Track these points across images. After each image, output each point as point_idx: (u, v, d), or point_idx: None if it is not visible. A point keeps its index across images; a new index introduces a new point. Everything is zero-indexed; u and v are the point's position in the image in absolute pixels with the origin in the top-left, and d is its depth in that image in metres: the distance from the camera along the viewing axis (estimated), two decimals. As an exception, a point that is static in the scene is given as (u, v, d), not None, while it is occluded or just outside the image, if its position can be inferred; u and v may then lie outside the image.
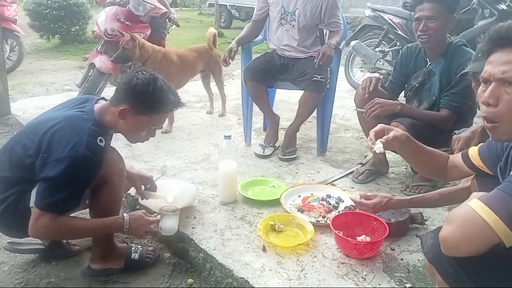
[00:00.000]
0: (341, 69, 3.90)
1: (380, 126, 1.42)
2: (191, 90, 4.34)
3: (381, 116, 2.07)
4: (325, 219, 1.88)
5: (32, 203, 1.44)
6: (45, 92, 4.46)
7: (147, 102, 1.50)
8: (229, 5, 12.17)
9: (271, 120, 2.81)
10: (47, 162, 1.37)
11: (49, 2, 7.35)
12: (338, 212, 1.93)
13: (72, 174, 1.37)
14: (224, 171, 2.05)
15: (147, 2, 3.40)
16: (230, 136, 2.05)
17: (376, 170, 2.37)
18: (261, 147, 2.72)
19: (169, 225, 1.66)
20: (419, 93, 2.22)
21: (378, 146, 1.34)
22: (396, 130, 1.38)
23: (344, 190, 2.19)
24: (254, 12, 2.83)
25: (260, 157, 2.66)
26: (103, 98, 1.64)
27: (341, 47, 2.76)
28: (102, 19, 3.38)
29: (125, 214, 1.55)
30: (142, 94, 1.48)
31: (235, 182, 2.12)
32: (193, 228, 1.84)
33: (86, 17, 7.93)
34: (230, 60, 2.62)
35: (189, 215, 1.93)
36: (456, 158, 1.42)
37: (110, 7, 3.53)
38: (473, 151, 1.35)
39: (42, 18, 7.41)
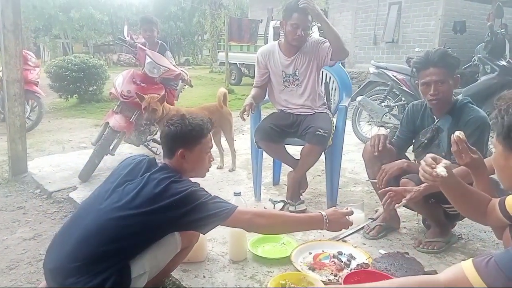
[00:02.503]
0: (349, 123, 3.98)
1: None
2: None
3: (393, 178, 2.09)
4: (336, 278, 1.83)
5: (135, 274, 1.46)
6: (61, 150, 4.61)
7: (193, 133, 1.67)
8: (239, 63, 12.73)
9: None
10: (184, 204, 1.51)
11: (69, 65, 7.81)
12: (350, 270, 1.89)
13: (200, 197, 1.55)
14: (234, 228, 2.05)
15: (161, 65, 3.60)
16: (240, 193, 2.07)
17: (387, 225, 2.34)
18: (271, 202, 2.72)
19: (358, 215, 1.79)
20: (428, 149, 2.24)
21: (440, 170, 1.31)
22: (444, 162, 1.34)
23: (355, 246, 2.15)
24: (255, 79, 2.92)
25: (270, 212, 2.65)
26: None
27: (347, 104, 2.85)
28: (119, 82, 3.57)
29: (321, 211, 1.70)
30: (185, 131, 1.67)
31: (245, 239, 2.11)
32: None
33: (103, 78, 8.36)
34: (250, 112, 2.67)
35: (198, 274, 1.91)
36: (496, 202, 1.36)
37: (127, 71, 3.75)
38: (511, 199, 1.28)
39: (62, 79, 7.84)
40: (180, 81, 4.03)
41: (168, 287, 1.86)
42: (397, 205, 1.87)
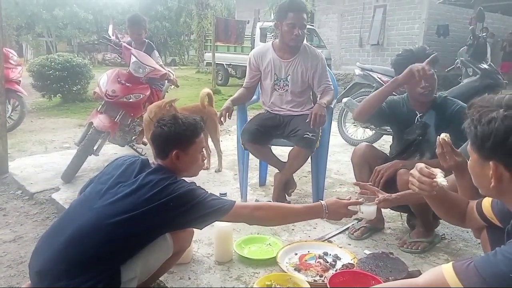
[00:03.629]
0: (334, 125, 4.01)
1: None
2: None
3: (394, 183, 2.09)
4: (322, 278, 1.84)
5: (125, 278, 1.42)
6: (44, 150, 4.52)
7: (186, 134, 1.64)
8: (225, 64, 12.71)
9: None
10: (178, 205, 1.48)
11: (52, 64, 7.66)
12: (336, 270, 1.90)
13: (197, 195, 1.54)
14: (220, 229, 2.04)
15: (146, 65, 3.56)
16: (225, 193, 2.06)
17: (372, 226, 2.36)
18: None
19: (370, 209, 1.78)
20: (419, 146, 2.26)
21: (441, 180, 1.30)
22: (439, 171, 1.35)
23: (341, 247, 2.16)
24: (246, 80, 2.90)
25: (256, 213, 2.65)
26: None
27: (332, 106, 2.87)
28: (103, 81, 3.52)
29: (321, 201, 1.70)
30: (179, 131, 1.63)
31: (231, 241, 2.10)
32: (187, 289, 1.79)
33: (88, 77, 8.22)
34: (227, 118, 2.68)
35: (183, 276, 1.90)
36: (474, 204, 1.38)
37: (111, 70, 3.70)
38: (487, 201, 1.31)
39: (45, 78, 7.68)
40: (166, 81, 3.99)
41: (153, 289, 1.84)
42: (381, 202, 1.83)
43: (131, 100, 3.53)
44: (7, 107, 4.64)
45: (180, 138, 1.64)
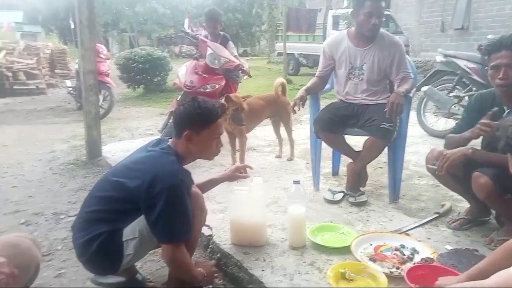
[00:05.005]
0: (413, 114, 3.82)
1: None
2: (260, 135, 4.50)
3: (460, 169, 1.99)
4: (399, 271, 1.80)
5: (126, 237, 1.59)
6: (131, 136, 4.93)
7: (201, 117, 1.68)
8: (296, 53, 12.63)
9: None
10: (152, 196, 1.53)
11: (136, 57, 8.27)
12: (414, 264, 1.84)
13: (177, 200, 1.56)
14: (293, 215, 2.09)
15: (222, 56, 3.70)
16: (299, 181, 2.10)
17: (473, 218, 2.23)
18: (330, 192, 2.71)
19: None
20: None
21: None
22: None
23: (419, 240, 2.09)
24: (319, 69, 2.87)
25: (329, 202, 2.65)
26: (170, 138, 1.82)
27: (411, 95, 2.74)
28: (182, 72, 3.73)
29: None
30: (193, 113, 1.68)
31: (304, 227, 2.13)
32: (262, 270, 1.87)
33: (167, 69, 8.75)
34: (301, 107, 2.69)
35: (259, 258, 1.98)
36: None
37: (189, 62, 3.90)
38: None
39: (129, 70, 8.33)
40: (240, 71, 4.11)
41: (230, 267, 1.95)
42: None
43: (207, 90, 3.69)
44: (98, 98, 5.13)
45: (193, 119, 1.67)
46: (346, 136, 2.82)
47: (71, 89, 7.35)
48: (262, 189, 2.11)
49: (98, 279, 1.83)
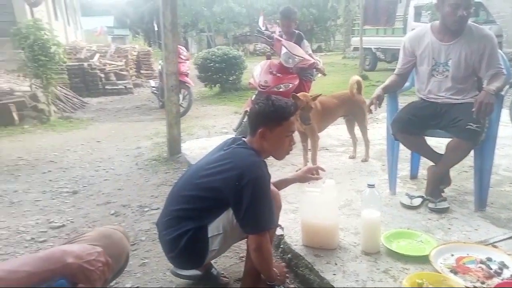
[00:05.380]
0: (505, 113, 3.48)
1: None
2: (334, 134, 4.43)
3: None
4: (484, 286, 1.66)
5: (211, 233, 1.67)
6: (207, 134, 5.16)
7: (274, 114, 1.74)
8: (374, 48, 12.14)
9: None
10: (240, 189, 1.60)
11: (213, 56, 8.61)
12: (502, 279, 1.69)
13: (263, 190, 1.63)
14: (367, 219, 2.03)
15: (296, 55, 3.70)
16: (373, 185, 2.03)
17: None
18: (408, 197, 2.58)
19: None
20: None
21: None
22: None
23: (509, 254, 1.90)
24: (398, 66, 2.73)
25: (406, 207, 2.53)
26: (243, 137, 1.89)
27: (503, 92, 2.49)
28: (257, 72, 3.81)
29: None
30: (267, 111, 1.74)
31: (379, 232, 2.06)
32: (334, 274, 1.85)
33: (241, 68, 8.98)
34: (378, 106, 2.59)
35: (330, 261, 1.96)
36: None
37: (264, 61, 3.96)
38: None
39: (207, 70, 8.70)
40: (314, 70, 4.07)
41: (301, 268, 1.96)
42: None
43: (281, 89, 3.72)
44: (179, 97, 5.44)
45: (267, 117, 1.73)
46: (427, 138, 2.66)
47: (154, 88, 7.90)
48: (334, 191, 2.08)
49: (177, 270, 1.97)
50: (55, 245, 2.37)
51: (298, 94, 3.21)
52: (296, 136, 3.47)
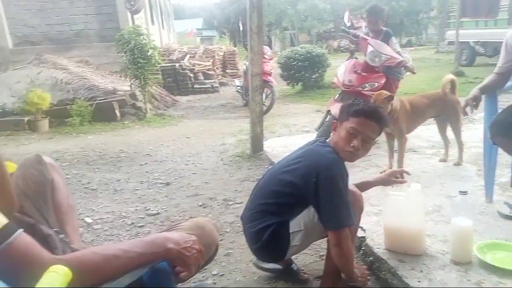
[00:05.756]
0: None
1: None
2: (424, 135, 4.19)
3: None
4: None
5: (293, 229, 1.73)
6: (288, 132, 5.23)
7: (347, 107, 1.80)
8: (472, 41, 11.11)
9: None
10: (317, 185, 1.65)
11: (296, 55, 8.65)
12: None
13: (341, 186, 1.66)
14: (458, 228, 1.91)
15: (383, 54, 3.58)
16: (466, 191, 1.90)
17: None
18: (507, 206, 2.37)
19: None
20: None
21: None
22: None
23: None
24: (498, 64, 2.47)
25: (505, 217, 2.32)
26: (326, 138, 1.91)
27: None
28: (341, 72, 3.77)
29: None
30: (345, 105, 1.82)
31: (471, 242, 1.93)
32: (419, 281, 1.78)
33: (325, 66, 8.89)
34: (474, 108, 2.41)
35: (415, 267, 1.89)
36: None
37: (348, 60, 3.90)
38: None
39: (290, 68, 8.78)
40: (403, 68, 3.90)
41: (383, 272, 1.93)
42: None
43: (366, 89, 3.63)
44: (262, 96, 5.59)
45: (343, 110, 1.79)
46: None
47: (239, 87, 8.21)
48: (421, 196, 1.99)
49: (259, 263, 2.06)
50: (152, 231, 2.63)
51: (376, 93, 3.10)
52: (382, 136, 3.38)
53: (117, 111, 6.97)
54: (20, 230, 0.85)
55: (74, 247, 1.28)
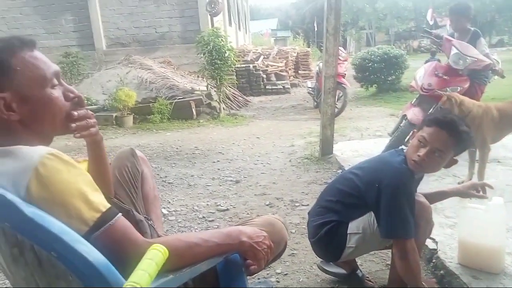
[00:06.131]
0: None
1: None
2: (510, 144, 3.84)
3: None
4: None
5: (350, 231, 1.74)
6: (360, 136, 5.11)
7: (425, 118, 1.81)
8: None
9: None
10: (379, 191, 1.64)
11: (372, 56, 8.40)
12: None
13: (404, 196, 1.62)
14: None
15: (468, 56, 3.35)
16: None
17: None
18: None
19: None
20: None
21: None
22: None
23: None
24: None
25: None
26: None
27: None
28: (420, 75, 3.60)
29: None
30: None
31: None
32: None
33: (403, 67, 8.51)
34: None
35: (490, 285, 1.77)
36: None
37: (429, 63, 3.71)
38: None
39: (364, 70, 8.55)
40: (490, 72, 3.61)
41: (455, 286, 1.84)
42: None
43: (446, 93, 3.43)
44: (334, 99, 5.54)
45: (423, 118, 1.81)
46: None
47: (310, 89, 8.18)
48: (503, 211, 1.86)
49: (323, 265, 2.08)
50: (221, 226, 2.77)
51: (446, 95, 2.93)
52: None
53: (193, 110, 7.35)
54: (120, 214, 0.97)
55: (159, 233, 1.43)
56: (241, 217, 2.90)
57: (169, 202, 3.31)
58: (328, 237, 1.78)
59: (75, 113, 1.05)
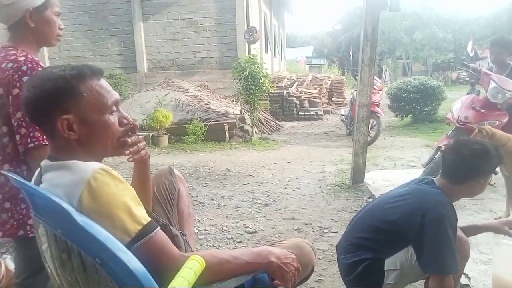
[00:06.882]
0: None
1: None
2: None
3: None
4: None
5: (387, 267, 1.71)
6: (392, 166, 5.04)
7: (477, 163, 1.69)
8: None
9: None
10: (421, 226, 1.61)
11: (408, 87, 8.32)
12: None
13: (446, 231, 1.59)
14: None
15: (507, 90, 3.29)
16: None
17: None
18: None
19: None
20: None
21: None
22: None
23: None
24: None
25: None
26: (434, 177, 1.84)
27: None
28: (457, 107, 3.56)
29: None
30: (479, 163, 1.70)
31: None
32: None
33: (440, 98, 8.36)
34: None
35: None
36: None
37: (466, 96, 3.68)
38: None
39: (400, 100, 8.46)
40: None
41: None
42: None
43: (478, 126, 3.36)
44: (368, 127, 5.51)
45: (479, 170, 1.70)
46: None
47: (343, 116, 8.17)
48: (541, 250, 1.80)
49: None
50: (248, 247, 2.80)
51: (477, 127, 2.86)
52: (500, 179, 3.08)
53: (226, 133, 7.52)
54: (159, 227, 1.05)
55: (193, 249, 1.50)
56: (269, 240, 2.93)
57: (199, 221, 3.38)
58: (365, 275, 1.73)
59: (129, 139, 1.15)
